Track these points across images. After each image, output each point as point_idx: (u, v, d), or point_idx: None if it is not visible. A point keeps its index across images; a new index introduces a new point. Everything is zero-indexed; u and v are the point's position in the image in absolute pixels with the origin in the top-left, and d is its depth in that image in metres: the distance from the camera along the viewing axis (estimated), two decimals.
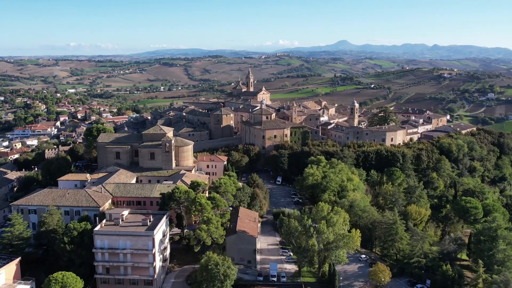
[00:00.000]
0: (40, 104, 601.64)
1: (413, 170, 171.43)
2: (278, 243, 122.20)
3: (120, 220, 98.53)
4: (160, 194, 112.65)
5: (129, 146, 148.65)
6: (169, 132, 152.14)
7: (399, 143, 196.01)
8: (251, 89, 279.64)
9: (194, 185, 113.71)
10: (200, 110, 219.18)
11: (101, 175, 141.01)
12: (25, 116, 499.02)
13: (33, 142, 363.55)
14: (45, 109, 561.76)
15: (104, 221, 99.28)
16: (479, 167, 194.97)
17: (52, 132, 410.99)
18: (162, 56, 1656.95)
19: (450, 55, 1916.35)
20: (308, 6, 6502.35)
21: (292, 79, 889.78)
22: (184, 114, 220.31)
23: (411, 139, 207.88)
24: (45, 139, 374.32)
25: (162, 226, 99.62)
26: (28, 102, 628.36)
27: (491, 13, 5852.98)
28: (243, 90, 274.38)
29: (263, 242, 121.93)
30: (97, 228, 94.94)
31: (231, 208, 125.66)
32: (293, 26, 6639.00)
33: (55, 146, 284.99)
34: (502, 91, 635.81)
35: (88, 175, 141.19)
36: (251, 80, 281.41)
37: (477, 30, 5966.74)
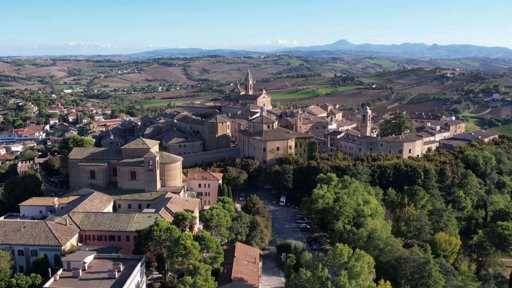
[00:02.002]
0: (32, 105, 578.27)
1: (437, 189, 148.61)
2: (283, 285, 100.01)
3: (81, 270, 76.07)
4: (136, 231, 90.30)
5: (106, 164, 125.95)
6: (154, 146, 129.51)
7: (418, 155, 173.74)
8: (250, 92, 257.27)
9: (179, 219, 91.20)
10: (194, 117, 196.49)
11: (71, 198, 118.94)
12: (14, 119, 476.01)
13: (18, 148, 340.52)
14: (37, 111, 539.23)
15: (60, 271, 76.84)
16: (508, 182, 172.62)
17: (40, 137, 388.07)
18: (161, 55, 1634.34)
19: (450, 54, 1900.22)
20: (307, 5, 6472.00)
21: (292, 79, 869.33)
22: (175, 121, 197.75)
23: (429, 149, 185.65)
24: (32, 145, 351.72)
25: (135, 277, 77.33)
26: (20, 103, 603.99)
27: (490, 12, 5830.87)
28: (241, 93, 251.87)
29: (265, 285, 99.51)
30: (47, 285, 72.45)
31: (226, 241, 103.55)
32: (292, 25, 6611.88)
33: (40, 153, 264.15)
34: (507, 91, 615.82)
35: (56, 199, 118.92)
36: (250, 82, 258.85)
37: (476, 30, 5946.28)
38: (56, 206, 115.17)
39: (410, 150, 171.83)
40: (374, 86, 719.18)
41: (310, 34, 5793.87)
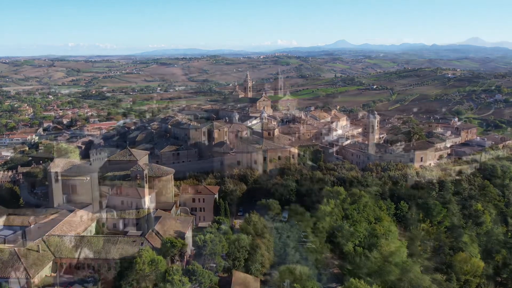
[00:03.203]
0: (27, 107, 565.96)
1: (455, 203, 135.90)
2: None
3: None
4: (115, 261, 78.02)
5: (89, 177, 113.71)
6: (142, 157, 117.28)
7: (430, 164, 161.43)
8: (249, 95, 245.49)
9: (167, 247, 79.02)
10: (189, 122, 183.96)
11: (50, 217, 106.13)
12: (7, 121, 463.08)
13: (8, 153, 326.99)
14: (32, 113, 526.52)
15: None
16: None
17: (32, 141, 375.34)
18: (160, 56, 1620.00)
19: (449, 54, 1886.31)
20: (306, 5, 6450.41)
21: (292, 80, 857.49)
22: (169, 126, 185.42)
23: (440, 157, 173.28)
24: (23, 149, 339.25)
25: None
26: (16, 105, 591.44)
27: (490, 13, 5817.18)
28: (240, 95, 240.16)
29: None
30: None
31: (222, 268, 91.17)
32: (291, 26, 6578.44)
33: (30, 158, 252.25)
34: (510, 92, 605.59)
35: (31, 218, 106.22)
36: (249, 84, 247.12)
37: (476, 30, 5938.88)
38: (31, 226, 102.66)
39: (422, 158, 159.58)
40: (374, 86, 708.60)
41: (310, 34, 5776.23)
